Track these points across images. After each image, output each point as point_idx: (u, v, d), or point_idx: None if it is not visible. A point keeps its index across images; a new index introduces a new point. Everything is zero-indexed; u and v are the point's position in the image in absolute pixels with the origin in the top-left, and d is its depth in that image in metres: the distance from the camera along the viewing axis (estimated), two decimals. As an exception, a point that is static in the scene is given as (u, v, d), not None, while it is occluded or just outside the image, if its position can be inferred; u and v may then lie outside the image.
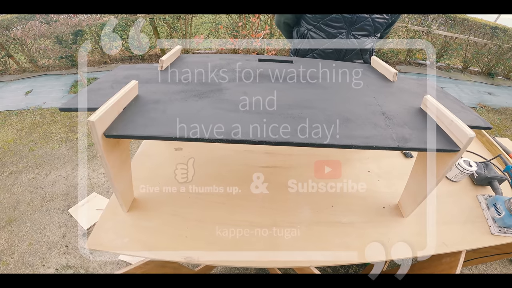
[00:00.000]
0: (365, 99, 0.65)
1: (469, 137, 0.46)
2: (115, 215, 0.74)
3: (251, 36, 3.10)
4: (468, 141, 0.47)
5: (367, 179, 0.89)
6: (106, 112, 0.49)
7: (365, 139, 0.48)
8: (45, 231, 1.67)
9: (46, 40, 3.33)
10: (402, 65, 4.01)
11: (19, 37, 3.17)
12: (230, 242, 0.69)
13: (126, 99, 0.57)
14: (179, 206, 0.77)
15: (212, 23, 3.73)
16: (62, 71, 3.55)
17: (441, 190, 0.88)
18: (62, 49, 3.29)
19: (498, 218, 0.77)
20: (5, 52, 3.38)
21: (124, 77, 0.74)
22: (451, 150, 0.49)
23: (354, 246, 0.70)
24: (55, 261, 1.52)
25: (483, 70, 4.08)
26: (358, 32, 1.06)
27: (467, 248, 0.74)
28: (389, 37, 3.83)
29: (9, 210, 1.80)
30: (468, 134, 0.46)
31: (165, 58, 0.78)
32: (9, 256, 1.55)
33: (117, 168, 0.60)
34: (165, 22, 3.47)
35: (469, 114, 0.66)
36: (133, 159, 0.92)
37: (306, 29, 1.12)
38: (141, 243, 0.69)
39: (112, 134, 0.49)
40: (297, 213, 0.77)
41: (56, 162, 2.18)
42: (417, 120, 0.56)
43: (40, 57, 3.50)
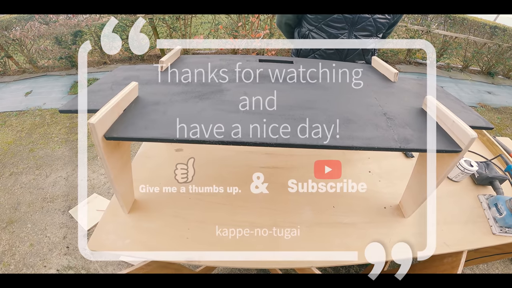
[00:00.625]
0: (367, 100, 0.65)
1: (471, 137, 0.46)
2: (116, 216, 0.74)
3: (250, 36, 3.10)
4: (470, 142, 0.47)
5: (368, 180, 0.89)
6: (106, 114, 0.49)
7: (367, 140, 0.48)
8: (46, 232, 1.67)
9: (46, 40, 3.33)
10: (402, 64, 4.01)
11: (18, 37, 3.16)
12: (231, 243, 0.69)
13: (126, 101, 0.57)
14: (179, 207, 0.77)
15: (211, 23, 3.72)
16: (62, 72, 3.54)
17: (442, 190, 0.88)
18: (62, 50, 3.29)
19: (499, 218, 0.77)
20: (4, 53, 3.38)
21: (124, 78, 0.74)
22: (452, 150, 0.48)
23: (355, 246, 0.70)
24: (56, 262, 1.52)
25: (483, 69, 4.08)
26: (359, 33, 1.06)
27: (468, 248, 0.74)
28: (389, 37, 3.82)
29: (10, 211, 1.80)
30: (470, 135, 0.46)
31: (165, 59, 0.78)
32: (10, 257, 1.55)
33: (117, 170, 0.60)
34: (165, 22, 3.47)
35: (470, 114, 0.66)
36: (134, 160, 0.92)
37: (308, 30, 1.11)
38: (142, 244, 0.69)
39: (113, 136, 0.49)
40: (298, 214, 0.77)
41: (56, 163, 2.18)
42: (418, 121, 0.56)
43: (40, 57, 3.50)
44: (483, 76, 4.06)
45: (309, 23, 1.10)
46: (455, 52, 3.99)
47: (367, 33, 1.07)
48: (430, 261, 0.95)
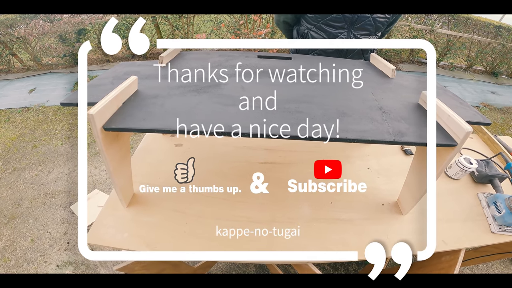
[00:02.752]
0: (363, 95, 0.65)
1: (466, 131, 0.46)
2: (115, 210, 0.75)
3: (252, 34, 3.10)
4: (465, 136, 0.46)
5: (366, 176, 0.89)
6: (105, 106, 0.50)
7: (361, 133, 0.49)
8: (47, 227, 1.69)
9: (50, 38, 3.36)
10: (405, 63, 3.98)
11: (23, 35, 3.19)
12: (230, 238, 0.70)
13: (125, 94, 0.58)
14: (178, 201, 0.77)
15: (214, 22, 3.73)
16: (66, 69, 3.57)
17: (442, 187, 0.88)
18: (66, 48, 3.32)
19: (498, 216, 0.77)
20: (9, 50, 3.41)
21: (124, 73, 0.75)
22: (448, 144, 0.48)
23: (352, 243, 0.70)
24: (56, 257, 1.54)
25: (486, 69, 4.04)
26: (359, 32, 1.05)
27: (466, 246, 0.74)
28: (392, 36, 3.80)
29: (12, 207, 1.82)
30: (465, 129, 0.46)
31: (165, 54, 0.79)
32: (11, 252, 1.57)
33: (116, 162, 0.61)
34: (167, 20, 3.48)
35: (468, 110, 0.66)
36: (134, 156, 0.93)
37: (307, 29, 1.11)
38: (140, 238, 0.70)
39: (111, 127, 0.50)
40: (296, 210, 0.77)
41: (59, 159, 2.20)
42: (414, 115, 0.56)
43: (44, 55, 3.53)
44: (487, 76, 4.02)
45: (308, 22, 1.09)
46: (458, 51, 3.95)
47: (366, 32, 1.06)
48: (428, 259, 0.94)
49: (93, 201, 1.84)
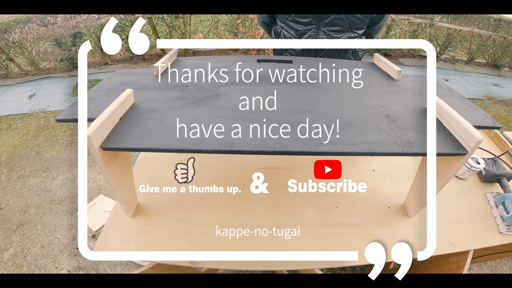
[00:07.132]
0: (368, 101, 0.64)
1: (477, 140, 0.45)
2: (120, 220, 0.75)
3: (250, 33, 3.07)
4: (476, 145, 0.46)
5: (371, 179, 0.88)
6: (101, 124, 0.49)
7: (368, 145, 0.48)
8: (56, 233, 1.70)
9: (45, 43, 3.34)
10: (406, 57, 3.94)
11: (18, 40, 3.18)
12: (233, 245, 0.70)
13: (122, 109, 0.57)
14: (182, 210, 0.78)
15: (211, 21, 3.69)
16: (64, 74, 3.56)
17: (449, 188, 0.86)
18: (62, 52, 3.30)
19: (506, 216, 0.76)
20: (5, 56, 3.40)
21: (120, 84, 0.73)
22: (458, 153, 0.48)
23: (359, 247, 0.69)
24: (66, 263, 1.55)
25: (488, 62, 3.99)
26: (329, 28, 0.95)
27: (474, 247, 0.73)
28: (391, 30, 3.75)
29: (20, 214, 1.83)
30: (476, 138, 0.45)
31: (160, 63, 0.77)
32: (22, 259, 1.59)
33: (118, 177, 0.60)
34: (164, 21, 3.44)
35: (477, 113, 0.64)
36: (135, 165, 0.92)
37: (280, 27, 1.06)
38: (147, 248, 0.70)
39: (109, 147, 0.49)
40: (301, 215, 0.77)
41: (62, 165, 2.20)
42: (422, 122, 0.55)
43: (41, 60, 3.52)
44: (489, 68, 3.97)
45: (280, 20, 1.05)
46: (459, 45, 3.90)
47: (339, 28, 0.96)
48: (436, 260, 0.94)
49: (98, 207, 1.84)
